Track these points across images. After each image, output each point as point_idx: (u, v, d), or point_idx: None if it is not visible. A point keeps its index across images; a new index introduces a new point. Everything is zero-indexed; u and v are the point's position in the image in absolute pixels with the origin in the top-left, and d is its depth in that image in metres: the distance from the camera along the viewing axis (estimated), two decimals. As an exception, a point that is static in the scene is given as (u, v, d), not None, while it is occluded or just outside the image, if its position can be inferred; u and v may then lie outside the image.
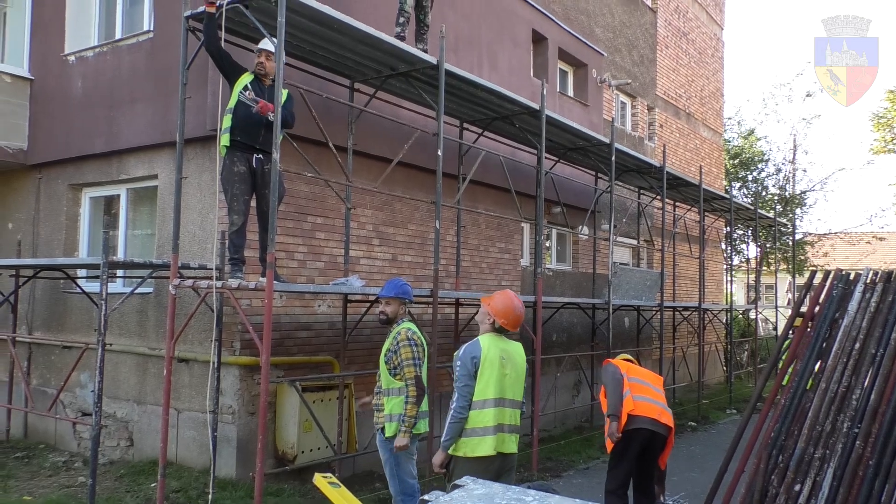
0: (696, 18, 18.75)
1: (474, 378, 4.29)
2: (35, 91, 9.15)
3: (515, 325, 4.46)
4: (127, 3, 8.79)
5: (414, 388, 4.82)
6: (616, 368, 5.54)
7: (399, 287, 5.22)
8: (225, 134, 5.81)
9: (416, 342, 4.92)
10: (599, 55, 13.56)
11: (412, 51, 6.87)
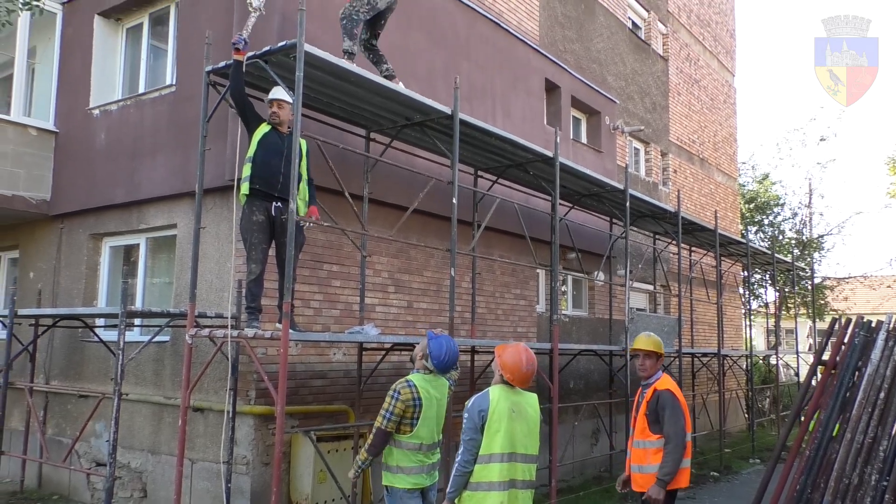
0: (707, 66, 18.97)
1: (481, 432, 4.16)
2: (60, 143, 9.38)
3: (523, 382, 4.32)
4: (151, 59, 9.06)
5: (371, 436, 4.65)
6: None
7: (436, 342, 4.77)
8: (245, 182, 5.90)
9: (401, 396, 4.60)
10: (612, 103, 13.71)
11: (427, 101, 6.99)
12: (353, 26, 6.65)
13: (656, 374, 5.23)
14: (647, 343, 5.27)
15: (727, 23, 20.52)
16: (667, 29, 16.92)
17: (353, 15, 6.66)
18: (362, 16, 6.72)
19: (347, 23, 6.64)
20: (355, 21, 6.66)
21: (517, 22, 11.27)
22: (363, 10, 6.70)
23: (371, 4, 6.73)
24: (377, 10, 6.81)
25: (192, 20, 8.00)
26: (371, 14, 6.80)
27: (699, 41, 18.57)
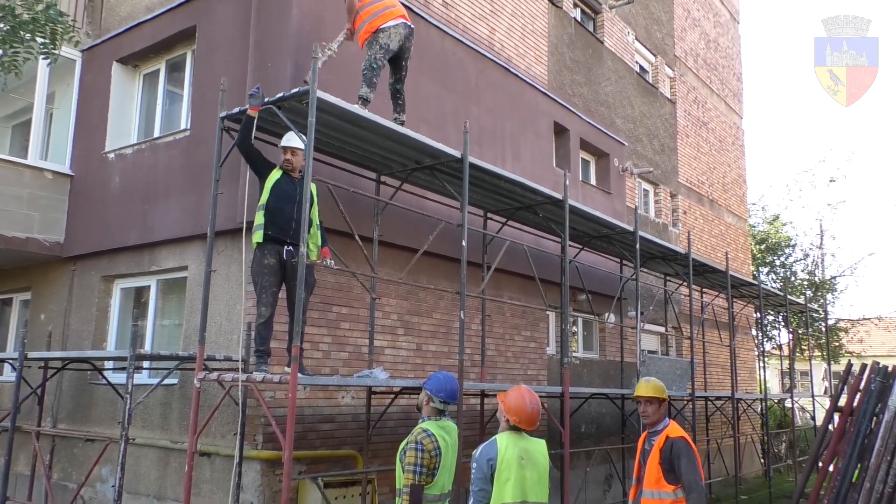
0: (714, 108, 19.12)
1: (490, 482, 4.06)
2: (75, 186, 9.52)
3: (530, 423, 4.26)
4: (167, 103, 9.24)
5: (407, 498, 4.29)
6: None
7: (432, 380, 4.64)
8: (258, 231, 5.95)
9: (424, 447, 4.33)
10: (621, 145, 13.81)
11: (437, 145, 7.06)
12: (372, 75, 6.77)
13: (663, 420, 5.06)
14: (647, 388, 5.07)
15: (733, 66, 20.74)
16: (674, 73, 17.11)
17: (373, 63, 6.78)
18: (380, 62, 6.84)
19: (368, 72, 6.78)
20: (375, 70, 6.78)
21: (526, 67, 11.44)
22: (379, 55, 6.81)
23: (384, 48, 6.84)
24: (392, 51, 6.91)
25: (208, 67, 8.16)
26: (388, 56, 6.91)
27: (706, 84, 18.76)
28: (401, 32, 6.90)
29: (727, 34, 20.57)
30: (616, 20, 14.69)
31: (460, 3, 10.00)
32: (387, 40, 6.81)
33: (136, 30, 9.20)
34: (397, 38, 6.88)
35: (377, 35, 6.80)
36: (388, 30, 6.81)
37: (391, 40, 6.83)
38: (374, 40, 6.80)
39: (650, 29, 16.21)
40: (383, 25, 6.83)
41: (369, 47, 6.86)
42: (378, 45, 6.79)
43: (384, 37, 6.80)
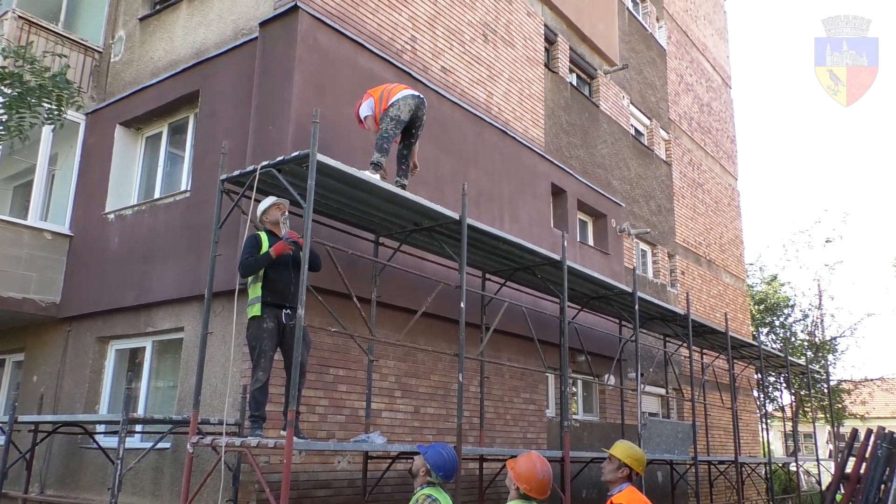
0: (710, 170, 19.37)
1: None
2: (73, 247, 9.53)
3: (541, 491, 4.13)
4: (168, 165, 9.34)
5: None
6: None
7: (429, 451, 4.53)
8: (256, 304, 5.91)
9: None
10: (618, 206, 13.93)
11: (436, 207, 7.11)
12: (383, 143, 6.97)
13: (620, 484, 4.69)
14: (615, 447, 4.73)
15: (727, 129, 21.13)
16: (669, 135, 17.41)
17: (384, 134, 7.00)
18: (392, 132, 7.06)
19: (381, 141, 6.99)
20: (387, 138, 6.99)
21: (523, 129, 11.64)
22: (391, 127, 7.05)
23: (395, 119, 7.05)
24: (403, 122, 7.12)
25: (210, 130, 8.29)
26: (400, 127, 7.13)
27: (701, 147, 19.07)
28: (409, 103, 7.12)
29: (720, 98, 21.02)
30: (611, 85, 15.03)
31: (458, 68, 10.25)
32: (396, 112, 7.05)
33: (140, 94, 9.39)
34: (407, 109, 7.10)
35: (388, 110, 7.07)
36: (396, 103, 7.07)
37: (401, 111, 7.07)
38: (386, 115, 7.06)
39: (644, 93, 16.58)
40: (393, 99, 7.10)
41: (381, 122, 7.11)
42: (389, 118, 7.03)
43: (394, 110, 7.05)
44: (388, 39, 8.99)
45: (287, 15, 7.74)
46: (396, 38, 9.12)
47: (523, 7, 12.08)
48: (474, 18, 10.76)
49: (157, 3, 10.03)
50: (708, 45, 20.58)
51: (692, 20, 19.79)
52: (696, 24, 19.99)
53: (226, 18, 8.70)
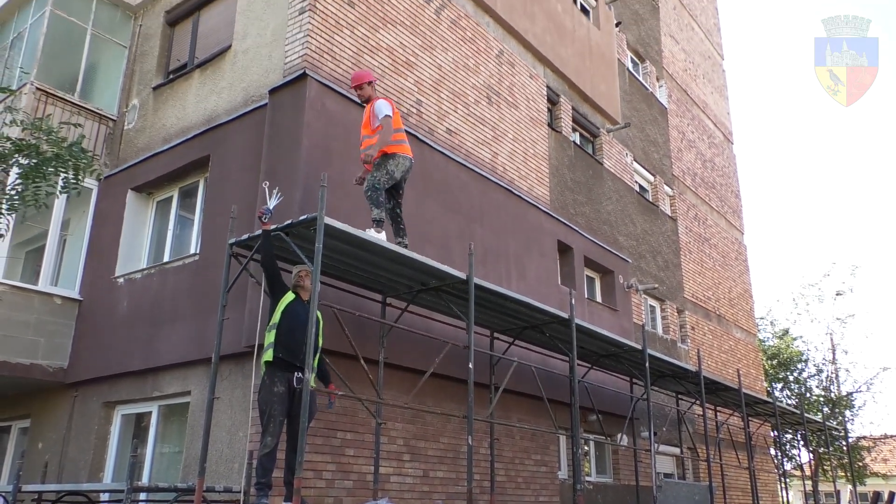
0: (715, 225, 19.43)
1: None
2: (82, 311, 9.57)
3: None
4: (177, 229, 9.45)
5: None
6: None
7: None
8: (269, 350, 5.91)
9: None
10: (625, 262, 13.93)
11: (443, 267, 7.13)
12: (377, 195, 6.96)
13: None
14: None
15: (731, 185, 21.28)
16: (673, 191, 17.54)
17: (377, 184, 6.96)
18: (384, 185, 7.03)
19: (372, 193, 6.95)
20: (379, 190, 6.97)
21: (528, 188, 11.76)
22: (384, 179, 7.02)
23: (390, 174, 7.06)
24: (395, 179, 7.15)
25: (220, 194, 8.42)
26: (390, 183, 7.13)
27: (705, 202, 19.17)
28: (407, 166, 7.21)
29: (722, 154, 21.25)
30: (614, 143, 15.24)
31: (463, 130, 10.43)
32: (394, 168, 7.06)
33: (152, 160, 9.58)
34: (402, 169, 7.16)
35: (388, 159, 7.01)
36: (398, 159, 7.07)
37: (397, 169, 7.09)
38: (384, 163, 7.00)
39: (647, 150, 16.78)
40: (400, 154, 7.09)
41: (376, 168, 7.00)
42: (386, 170, 7.02)
43: (393, 164, 7.03)
44: (395, 103, 9.17)
45: (296, 82, 7.95)
46: (402, 102, 9.32)
47: (525, 69, 12.37)
48: (478, 81, 11.02)
49: (170, 73, 10.32)
50: (708, 103, 20.93)
51: (692, 79, 20.19)
52: (695, 83, 20.37)
53: (236, 86, 8.94)
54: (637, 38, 17.53)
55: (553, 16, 13.22)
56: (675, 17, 19.92)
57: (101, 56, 10.87)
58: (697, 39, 21.16)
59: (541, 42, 12.69)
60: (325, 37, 8.37)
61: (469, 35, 11.00)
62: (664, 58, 18.64)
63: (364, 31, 8.93)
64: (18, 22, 11.08)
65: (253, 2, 9.15)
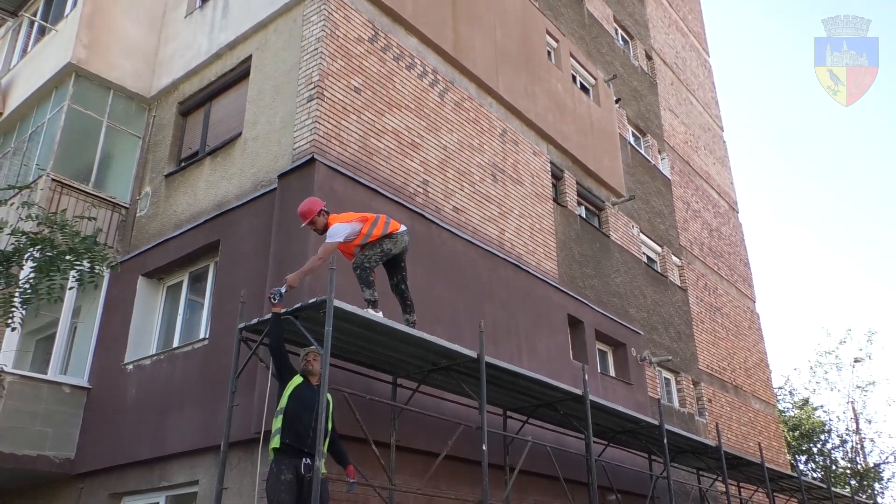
0: (726, 294, 19.32)
1: None
2: (91, 399, 9.49)
3: None
4: (187, 313, 9.47)
5: None
6: None
7: None
8: (276, 436, 5.79)
9: None
10: (636, 334, 13.80)
11: (453, 346, 7.08)
12: (367, 275, 6.74)
13: None
14: None
15: (739, 253, 21.28)
16: (681, 261, 17.54)
17: (365, 263, 6.75)
18: (374, 263, 6.82)
19: (361, 272, 6.73)
20: (368, 269, 6.75)
21: (536, 262, 11.79)
22: (376, 257, 6.81)
23: (386, 252, 6.86)
24: (391, 254, 6.93)
25: (229, 278, 8.48)
26: (385, 258, 6.90)
27: (715, 271, 19.13)
28: (405, 239, 7.03)
29: (728, 223, 21.35)
30: (620, 215, 15.36)
31: (470, 208, 10.57)
32: (391, 246, 6.88)
33: (163, 245, 9.70)
34: (401, 244, 6.99)
35: (383, 240, 6.86)
36: (395, 237, 6.92)
37: (395, 246, 6.91)
38: (378, 244, 6.82)
39: (653, 221, 16.89)
40: (395, 233, 6.95)
41: (367, 248, 6.80)
42: (380, 248, 6.80)
43: (389, 242, 6.86)
44: (401, 184, 9.35)
45: (304, 167, 8.13)
46: (409, 183, 9.48)
47: (529, 147, 12.62)
48: (483, 160, 11.23)
49: (182, 161, 10.59)
50: (711, 174, 21.19)
51: (693, 151, 20.52)
52: (697, 155, 20.70)
53: (246, 172, 9.14)
54: (637, 112, 17.94)
55: (554, 95, 13.59)
56: (674, 92, 20.43)
57: (115, 146, 11.19)
58: (696, 113, 21.64)
59: (543, 120, 13.00)
60: (333, 122, 8.61)
61: (473, 116, 11.29)
62: (665, 131, 19.02)
63: (370, 116, 9.19)
64: (37, 116, 11.47)
65: (263, 91, 9.47)
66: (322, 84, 8.59)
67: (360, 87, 9.15)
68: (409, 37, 10.39)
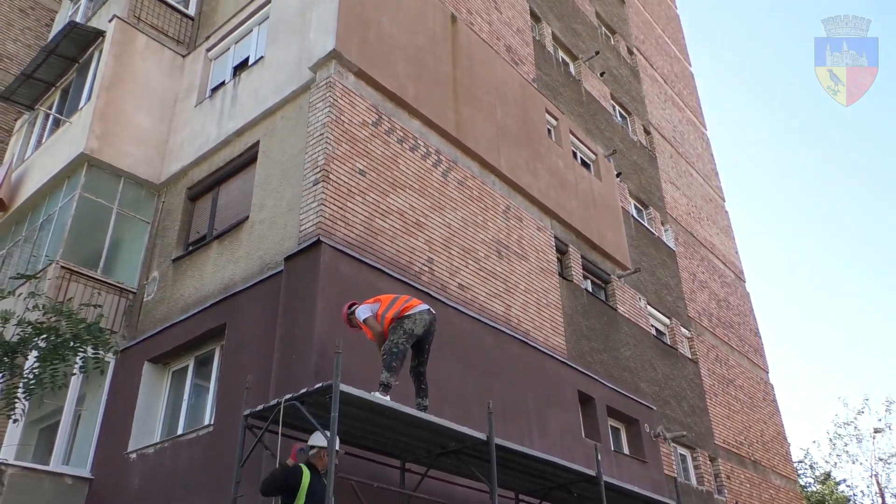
0: (738, 365, 19.03)
1: None
2: (93, 490, 9.27)
3: None
4: (192, 398, 9.36)
5: None
6: None
7: None
8: None
9: None
10: (649, 409, 13.52)
11: (462, 429, 6.94)
12: (392, 359, 6.76)
13: None
14: None
15: (748, 323, 21.09)
16: (691, 333, 17.37)
17: (394, 348, 6.80)
18: (403, 347, 6.84)
19: (388, 357, 6.77)
20: (396, 354, 6.77)
21: (544, 338, 11.69)
22: (402, 340, 6.84)
23: (409, 332, 6.90)
24: (416, 336, 6.97)
25: (235, 362, 8.42)
26: (411, 342, 6.96)
27: (725, 342, 18.92)
28: (425, 318, 7.08)
29: (736, 293, 21.26)
30: (626, 288, 15.33)
31: (475, 284, 10.57)
32: (412, 325, 6.94)
33: (169, 330, 9.68)
34: (422, 324, 7.02)
35: (402, 321, 6.93)
36: (413, 316, 6.97)
37: (416, 325, 6.97)
38: (399, 326, 6.92)
39: (660, 293, 16.83)
40: (409, 312, 7.01)
41: (392, 333, 6.94)
42: (402, 330, 6.89)
43: (409, 322, 6.93)
44: (407, 263, 9.39)
45: (310, 249, 8.20)
46: (414, 261, 9.53)
47: (533, 223, 12.73)
48: (487, 237, 11.31)
49: (189, 245, 10.71)
50: (715, 244, 21.26)
51: (696, 222, 20.66)
52: (700, 225, 20.83)
53: (253, 255, 9.22)
54: (638, 186, 18.17)
55: (555, 171, 13.81)
56: (673, 165, 20.76)
57: (124, 232, 11.35)
58: (697, 184, 21.91)
59: (546, 196, 13.16)
60: (338, 204, 8.73)
61: (476, 194, 11.45)
62: (667, 203, 19.21)
63: (375, 197, 9.33)
64: (49, 205, 11.69)
65: (270, 175, 9.66)
66: (327, 167, 8.77)
67: (364, 170, 9.33)
68: (412, 119, 10.66)
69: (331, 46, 9.50)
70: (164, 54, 12.63)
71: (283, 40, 10.73)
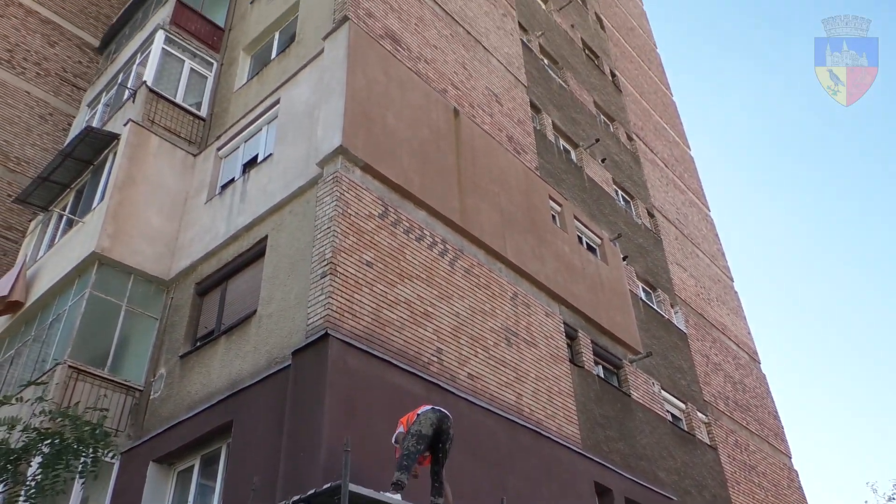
0: (759, 450, 18.45)
1: None
2: None
3: None
4: (198, 500, 9.09)
5: None
6: None
7: None
8: None
9: None
10: (670, 500, 13.02)
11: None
12: (404, 460, 6.83)
13: None
14: None
15: (766, 405, 20.58)
16: (708, 418, 16.94)
17: (407, 450, 6.88)
18: (414, 448, 6.88)
19: (404, 458, 6.84)
20: (409, 455, 6.84)
21: (557, 427, 11.41)
22: (411, 442, 6.92)
23: (416, 434, 6.95)
24: (426, 436, 6.99)
25: (241, 460, 8.23)
26: (422, 442, 6.97)
27: (744, 426, 18.41)
28: (430, 416, 7.09)
29: (751, 374, 20.86)
30: (639, 373, 15.08)
31: (485, 374, 10.43)
32: (418, 427, 7.01)
33: (175, 429, 9.52)
34: (428, 423, 7.04)
35: (412, 426, 7.06)
36: (419, 418, 7.09)
37: (422, 426, 7.02)
38: (407, 433, 7.03)
39: (674, 377, 16.53)
40: (416, 415, 7.13)
41: (404, 441, 7.02)
42: (410, 435, 6.98)
43: (416, 425, 7.03)
44: (415, 354, 9.31)
45: (318, 342, 8.16)
46: (423, 352, 9.45)
47: (541, 308, 12.68)
48: (496, 324, 11.25)
49: (197, 340, 10.68)
50: (726, 325, 21.05)
51: (705, 303, 20.54)
52: (710, 306, 20.69)
53: (260, 349, 9.17)
54: (645, 268, 18.19)
55: (561, 256, 13.88)
56: (679, 247, 20.84)
57: (132, 329, 11.35)
58: (704, 265, 21.92)
59: (553, 281, 13.17)
60: (346, 297, 8.75)
61: (483, 281, 11.47)
62: (675, 285, 19.16)
63: (382, 288, 9.36)
64: (59, 304, 11.76)
65: (278, 269, 9.74)
66: (335, 260, 8.85)
67: (371, 261, 9.40)
68: (417, 210, 10.83)
69: (338, 142, 9.78)
70: (176, 154, 13.01)
71: (292, 138, 11.06)
